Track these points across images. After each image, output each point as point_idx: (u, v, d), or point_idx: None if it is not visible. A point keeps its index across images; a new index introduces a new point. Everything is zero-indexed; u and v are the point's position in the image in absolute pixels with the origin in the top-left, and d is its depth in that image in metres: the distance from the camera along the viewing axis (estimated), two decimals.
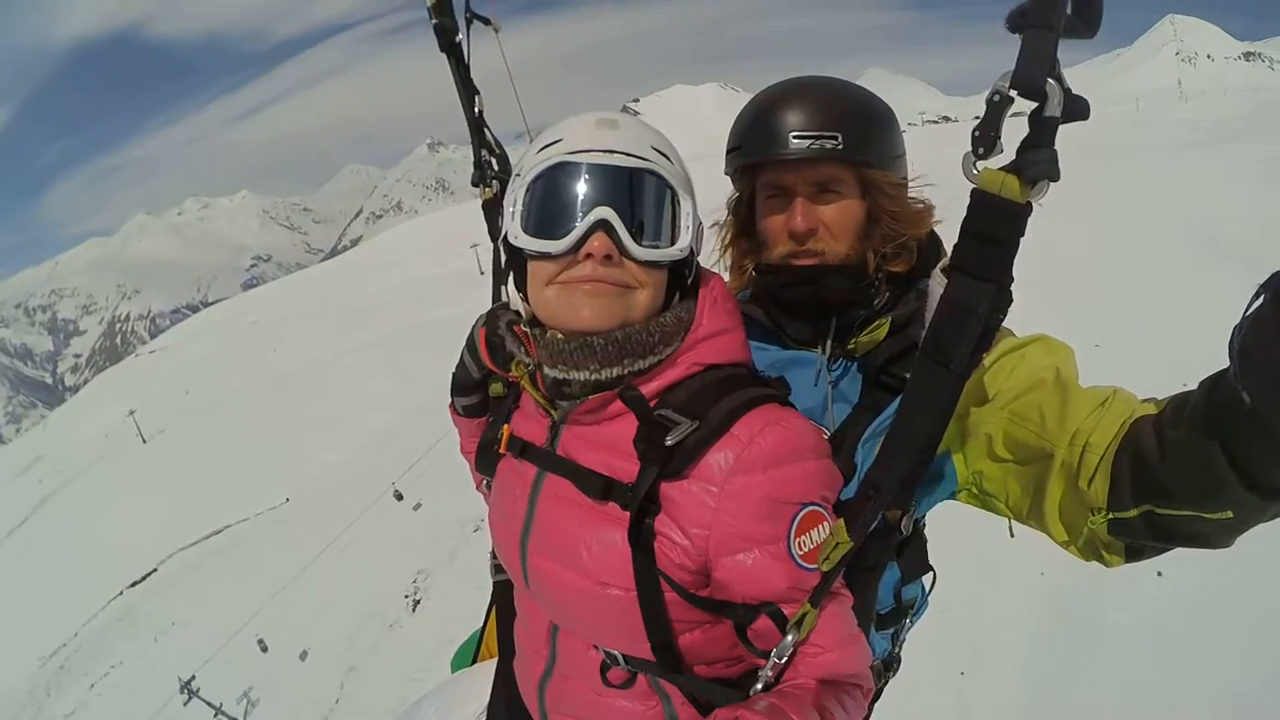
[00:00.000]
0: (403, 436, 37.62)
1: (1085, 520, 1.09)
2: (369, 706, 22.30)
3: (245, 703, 25.98)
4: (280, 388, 53.49)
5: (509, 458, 1.32)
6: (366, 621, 26.58)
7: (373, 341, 58.44)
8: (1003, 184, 0.92)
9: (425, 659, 22.32)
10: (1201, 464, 0.89)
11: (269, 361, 63.38)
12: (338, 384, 50.12)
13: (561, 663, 1.29)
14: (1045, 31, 0.83)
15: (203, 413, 54.66)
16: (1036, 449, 1.17)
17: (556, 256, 1.12)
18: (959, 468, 1.32)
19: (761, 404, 1.13)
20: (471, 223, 26.46)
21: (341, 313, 73.49)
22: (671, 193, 1.17)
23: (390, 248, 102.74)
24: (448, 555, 27.25)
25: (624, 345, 1.12)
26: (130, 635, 32.25)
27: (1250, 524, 0.92)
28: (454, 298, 65.45)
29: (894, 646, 1.63)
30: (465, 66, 1.68)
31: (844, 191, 1.39)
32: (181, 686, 26.26)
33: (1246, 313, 0.77)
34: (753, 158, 1.44)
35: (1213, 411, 0.87)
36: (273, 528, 36.35)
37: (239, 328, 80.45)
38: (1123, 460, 1.03)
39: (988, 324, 0.97)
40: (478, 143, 1.70)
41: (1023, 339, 1.32)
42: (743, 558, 1.07)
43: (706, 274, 1.28)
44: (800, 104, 1.37)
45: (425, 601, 26.42)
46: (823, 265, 1.40)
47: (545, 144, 1.17)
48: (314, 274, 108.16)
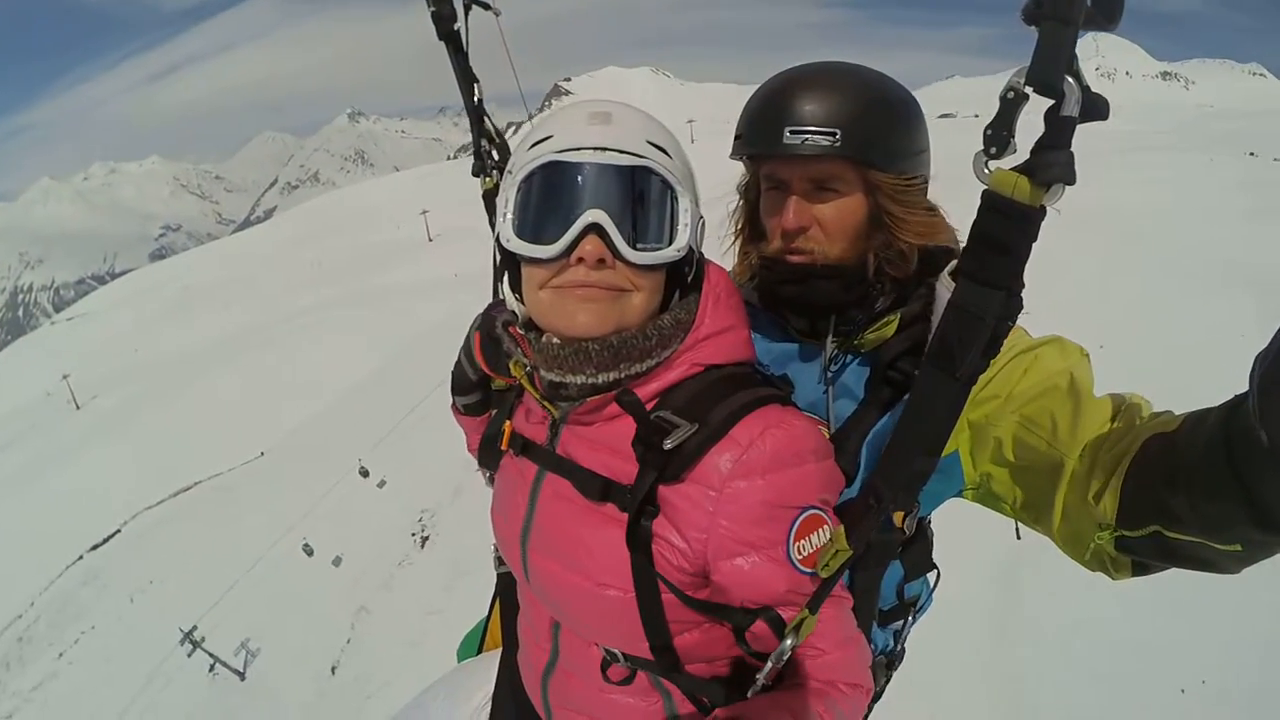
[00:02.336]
0: (387, 385, 36.84)
1: (1093, 533, 1.05)
2: (385, 642, 21.85)
3: (244, 653, 24.64)
4: (229, 349, 50.78)
5: (511, 454, 1.30)
6: (374, 562, 25.74)
7: (327, 302, 56.60)
8: (1015, 186, 0.88)
9: (440, 592, 21.90)
10: (1213, 495, 0.85)
11: (211, 324, 59.89)
12: (295, 343, 48.14)
13: (563, 658, 1.28)
14: (1063, 25, 0.78)
15: (146, 377, 51.12)
16: (1046, 457, 1.13)
17: (548, 261, 1.06)
18: (966, 468, 1.27)
19: (763, 405, 1.09)
20: (420, 190, 26.22)
21: (283, 277, 70.23)
22: (668, 190, 1.10)
23: (327, 214, 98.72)
24: (451, 492, 26.49)
25: (619, 350, 1.08)
26: (100, 598, 30.10)
27: (1259, 557, 0.88)
28: (407, 262, 64.90)
29: (896, 643, 1.59)
30: (464, 55, 1.62)
31: (843, 190, 1.29)
32: (183, 638, 24.75)
33: (1272, 344, 0.70)
34: (750, 150, 1.36)
35: (1229, 442, 0.82)
36: (248, 482, 34.59)
37: (170, 293, 75.53)
38: (1134, 479, 0.98)
39: (996, 331, 0.95)
40: (477, 132, 1.65)
41: (1036, 340, 1.26)
42: (741, 561, 1.04)
43: (710, 268, 1.21)
44: (801, 96, 1.26)
45: (434, 538, 25.79)
46: (812, 265, 1.32)
47: (535, 140, 1.10)
48: (245, 239, 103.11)
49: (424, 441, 28.54)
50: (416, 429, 30.54)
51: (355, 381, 40.16)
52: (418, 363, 37.77)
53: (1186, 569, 0.99)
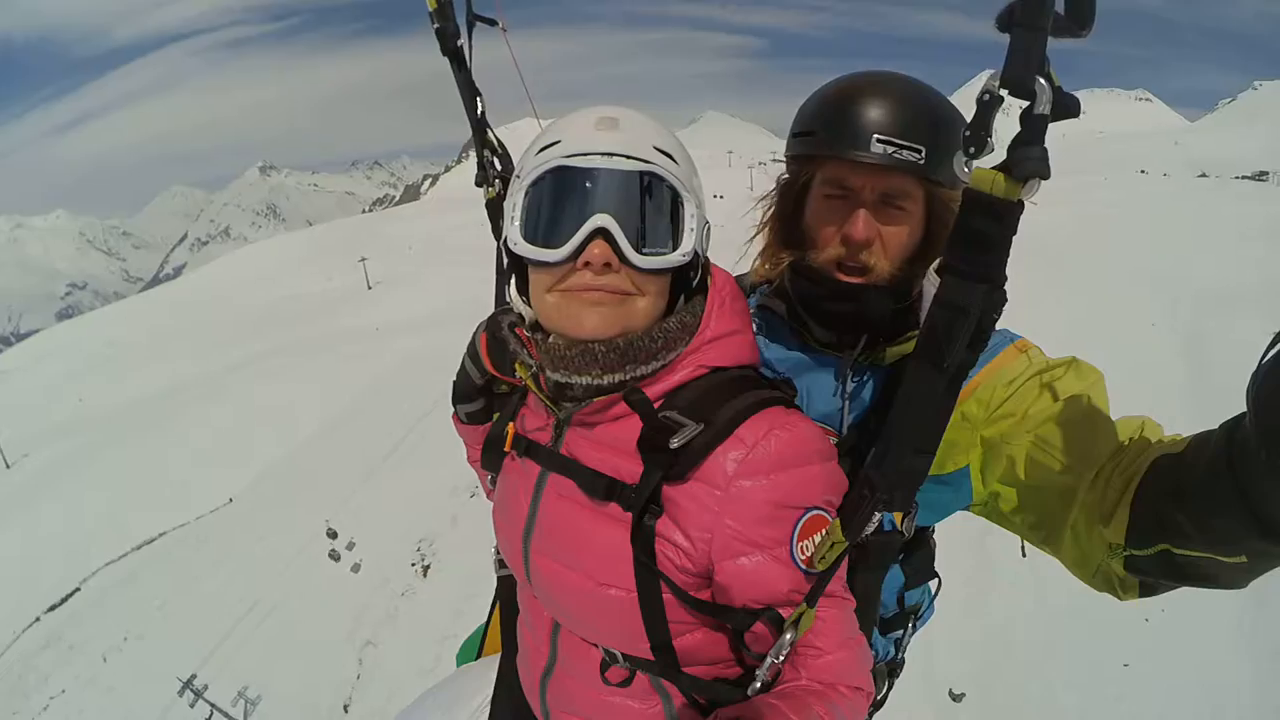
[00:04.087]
0: (362, 420, 36.02)
1: (1101, 554, 1.06)
2: (398, 672, 21.23)
3: (243, 702, 23.33)
4: (175, 400, 47.90)
5: (513, 456, 1.29)
6: (375, 596, 25.08)
7: (271, 350, 54.34)
8: (994, 182, 0.90)
9: (450, 617, 21.45)
10: (1218, 509, 0.87)
11: (148, 377, 56.23)
12: (245, 391, 45.97)
13: (563, 660, 1.27)
14: (1034, 31, 0.82)
15: (81, 432, 47.61)
16: (1058, 478, 1.13)
17: (554, 265, 1.07)
18: (975, 484, 1.27)
19: (767, 407, 1.10)
20: (355, 239, 26.68)
21: (214, 329, 67.13)
22: (674, 195, 1.10)
23: (253, 264, 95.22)
24: (449, 521, 26.30)
25: (626, 352, 1.09)
26: (66, 660, 27.74)
27: (1264, 568, 0.90)
28: (353, 308, 63.46)
29: (898, 651, 1.59)
30: (467, 70, 1.63)
31: (908, 208, 1.27)
32: (182, 687, 23.16)
33: (1263, 360, 0.75)
34: (827, 151, 1.28)
35: (1231, 458, 0.84)
36: (220, 529, 32.85)
37: (94, 348, 70.51)
38: (1143, 499, 1.00)
39: (981, 323, 0.95)
40: (480, 143, 1.66)
41: (1054, 360, 1.26)
42: (744, 561, 1.05)
43: (715, 272, 1.22)
44: (888, 103, 1.23)
45: (435, 565, 25.33)
46: (868, 284, 1.29)
47: (544, 145, 1.10)
48: (167, 291, 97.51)
49: (419, 469, 28.17)
50: (405, 461, 30.07)
51: (327, 420, 38.92)
52: (387, 398, 37.23)
53: (1194, 586, 1.00)
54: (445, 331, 45.30)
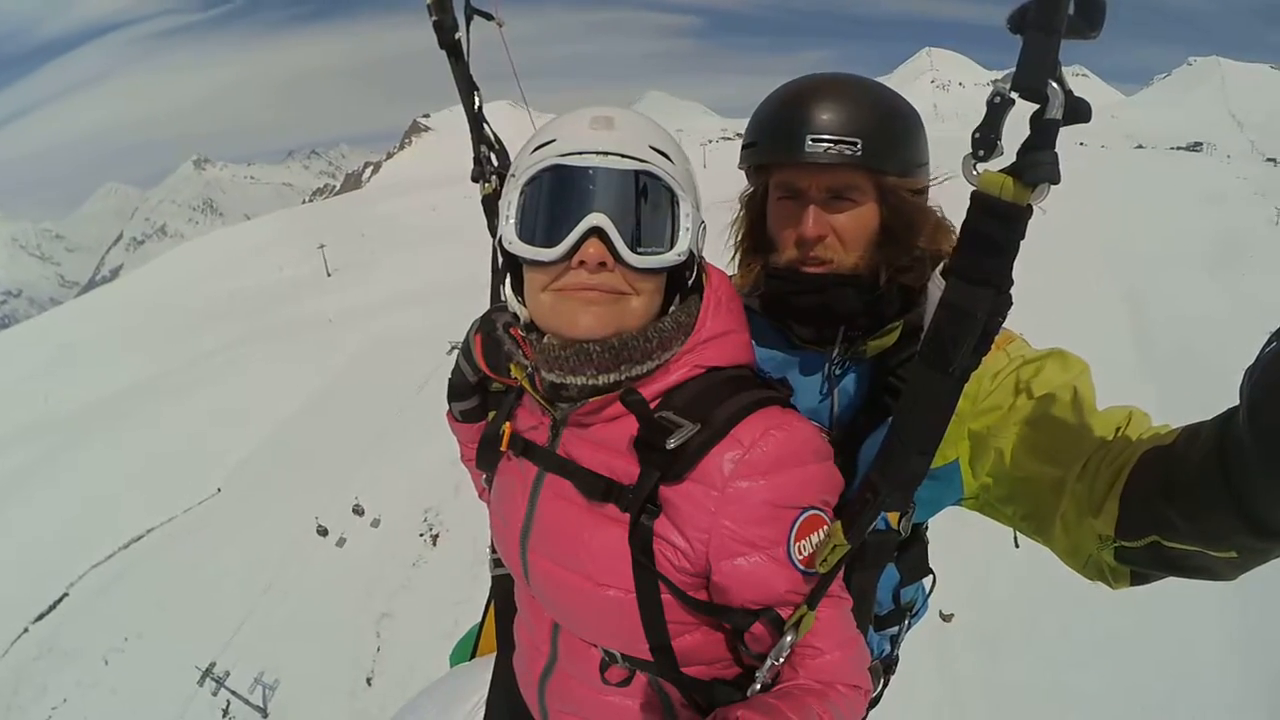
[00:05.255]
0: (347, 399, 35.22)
1: (1092, 544, 1.06)
2: (418, 639, 20.90)
3: (260, 688, 22.67)
4: (142, 395, 46.12)
5: (510, 455, 1.27)
6: (387, 569, 24.57)
7: (238, 340, 52.91)
8: (1003, 186, 0.88)
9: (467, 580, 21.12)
10: (1208, 505, 0.86)
11: (109, 376, 53.83)
12: (213, 382, 44.77)
13: (563, 660, 1.26)
14: (1047, 34, 0.80)
15: (46, 435, 45.43)
16: (1048, 469, 1.13)
17: (549, 264, 1.05)
18: (965, 478, 1.27)
19: (764, 407, 1.08)
20: (310, 227, 25.97)
21: (171, 324, 64.66)
22: (670, 195, 1.09)
23: (200, 259, 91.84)
24: (453, 490, 25.73)
25: (620, 352, 1.07)
26: (62, 668, 26.64)
27: (1254, 563, 0.90)
28: (315, 295, 62.12)
29: (893, 648, 1.59)
30: (464, 64, 1.61)
31: (859, 199, 1.28)
32: (202, 676, 22.46)
33: (1261, 355, 0.75)
34: (767, 158, 1.33)
35: (1222, 453, 0.84)
36: (211, 519, 31.73)
37: (46, 351, 67.21)
38: (1132, 491, 0.99)
39: (986, 328, 0.94)
40: (477, 138, 1.64)
41: (1039, 352, 1.26)
42: (742, 561, 1.03)
43: (711, 272, 1.21)
44: (821, 104, 1.24)
45: (444, 534, 24.89)
46: (830, 274, 1.31)
47: (539, 144, 1.09)
48: (116, 291, 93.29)
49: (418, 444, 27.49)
50: (407, 432, 29.33)
51: (308, 404, 37.95)
52: (368, 377, 36.26)
53: (1184, 578, 1.00)
54: (419, 311, 44.66)
